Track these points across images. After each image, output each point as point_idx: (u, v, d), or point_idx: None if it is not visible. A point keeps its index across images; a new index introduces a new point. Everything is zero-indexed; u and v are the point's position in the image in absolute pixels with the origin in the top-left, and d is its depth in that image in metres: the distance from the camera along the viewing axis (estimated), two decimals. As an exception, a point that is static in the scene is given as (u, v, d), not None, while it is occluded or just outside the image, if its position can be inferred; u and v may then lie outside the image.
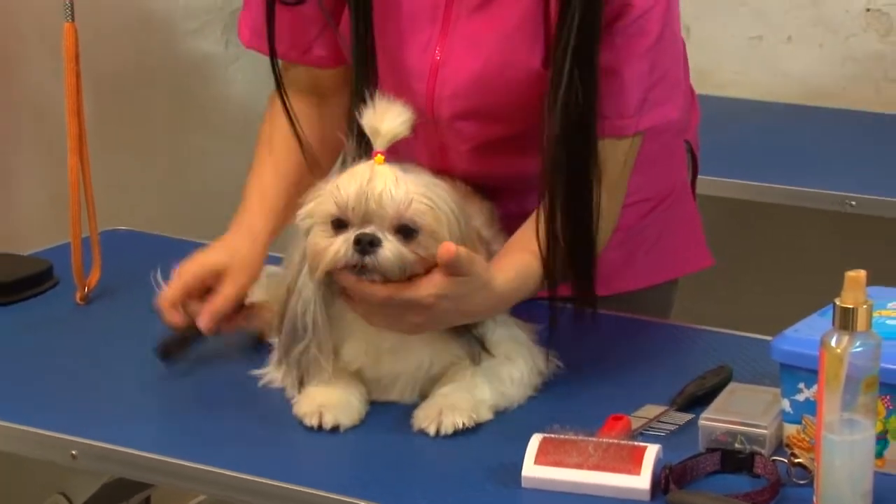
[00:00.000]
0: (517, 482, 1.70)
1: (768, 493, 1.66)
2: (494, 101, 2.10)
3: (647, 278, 2.30)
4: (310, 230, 1.81)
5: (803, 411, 1.74)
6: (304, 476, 1.75)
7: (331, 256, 1.76)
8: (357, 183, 1.76)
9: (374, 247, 1.75)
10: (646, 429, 1.83)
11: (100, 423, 1.88)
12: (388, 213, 1.75)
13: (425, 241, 1.77)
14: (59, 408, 1.94)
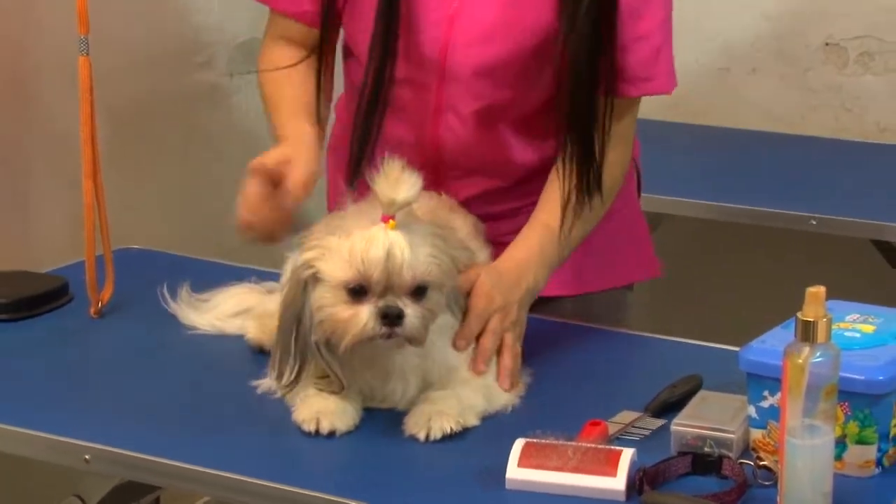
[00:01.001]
0: (501, 484, 1.69)
1: (735, 494, 1.65)
2: (507, 56, 2.09)
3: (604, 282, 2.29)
4: (312, 281, 1.78)
5: (768, 417, 1.73)
6: (302, 478, 1.74)
7: (359, 329, 1.74)
8: (377, 253, 1.73)
9: (401, 319, 1.74)
10: (622, 434, 1.82)
11: (111, 428, 1.87)
12: (407, 281, 1.75)
13: (433, 294, 1.78)
14: (74, 415, 1.93)
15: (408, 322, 1.74)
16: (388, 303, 1.74)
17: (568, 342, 2.14)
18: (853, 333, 1.78)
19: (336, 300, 1.76)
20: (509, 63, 2.10)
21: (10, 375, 2.07)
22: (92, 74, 2.21)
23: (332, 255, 1.76)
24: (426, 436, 1.80)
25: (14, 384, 2.04)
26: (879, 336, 1.78)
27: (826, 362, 1.61)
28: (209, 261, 2.48)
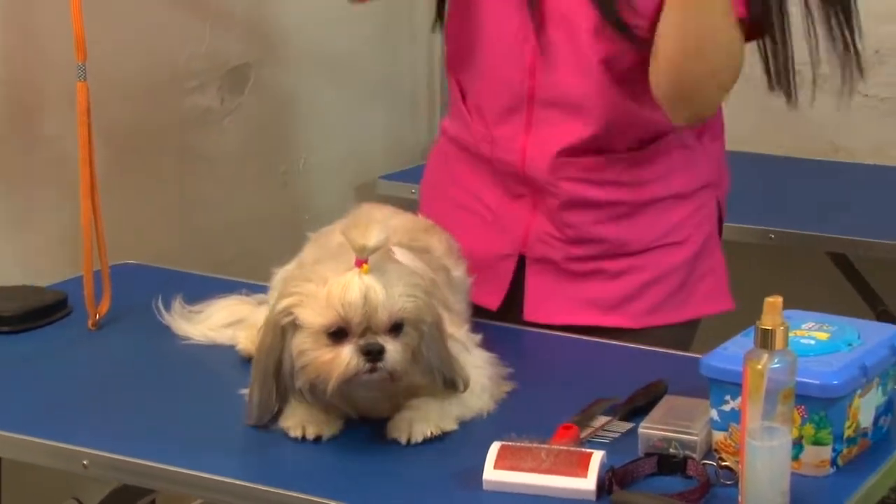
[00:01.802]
0: (479, 485, 1.68)
1: (699, 493, 1.65)
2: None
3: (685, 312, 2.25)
4: (291, 327, 1.77)
5: (729, 420, 1.73)
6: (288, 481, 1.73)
7: (343, 369, 1.73)
8: (354, 296, 1.72)
9: (382, 354, 1.73)
10: (592, 437, 1.82)
11: (108, 435, 1.87)
12: (384, 320, 1.73)
13: (409, 330, 1.77)
14: (73, 422, 1.92)
15: (389, 356, 1.74)
16: (369, 340, 1.73)
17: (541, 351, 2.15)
18: (809, 341, 1.78)
19: (317, 344, 1.74)
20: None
21: (12, 385, 2.07)
22: (89, 99, 2.21)
23: (311, 301, 1.75)
24: (407, 439, 1.80)
25: (15, 393, 2.04)
26: (833, 343, 1.78)
27: (783, 368, 1.61)
28: (202, 275, 2.47)
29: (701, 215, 2.25)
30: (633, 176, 2.18)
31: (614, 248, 2.20)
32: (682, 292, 2.23)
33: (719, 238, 2.31)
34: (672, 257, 2.22)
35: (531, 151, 2.16)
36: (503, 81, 2.17)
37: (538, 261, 2.21)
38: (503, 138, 2.17)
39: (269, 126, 3.15)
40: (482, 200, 2.25)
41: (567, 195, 2.17)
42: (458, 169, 2.30)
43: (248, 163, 3.10)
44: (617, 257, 2.20)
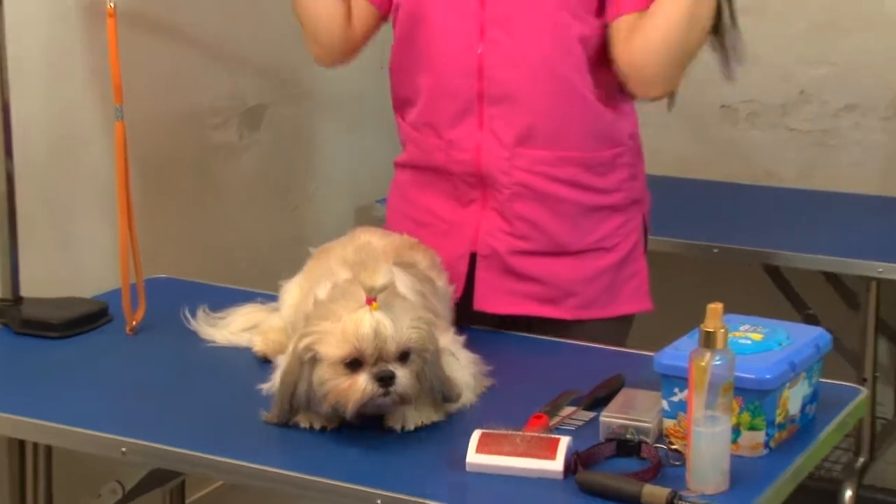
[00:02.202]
0: (463, 467, 1.69)
1: (652, 472, 1.66)
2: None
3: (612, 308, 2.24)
4: (313, 361, 1.76)
5: (678, 409, 1.74)
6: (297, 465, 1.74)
7: (360, 395, 1.72)
8: (367, 329, 1.72)
9: (393, 379, 1.73)
10: (559, 425, 1.82)
11: (143, 426, 1.87)
12: (393, 350, 1.73)
13: (415, 357, 1.76)
14: (112, 415, 1.92)
15: (399, 381, 1.73)
16: (381, 368, 1.73)
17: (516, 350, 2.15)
18: (745, 341, 1.79)
19: (336, 374, 1.74)
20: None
21: (60, 383, 2.06)
22: (125, 135, 2.21)
23: (328, 337, 1.74)
24: (402, 427, 1.80)
25: (63, 390, 2.03)
26: (766, 343, 1.79)
27: (724, 365, 1.62)
28: (223, 286, 2.47)
29: (629, 227, 2.26)
30: (584, 181, 2.17)
31: (555, 246, 2.18)
32: (610, 292, 2.23)
33: (644, 248, 2.31)
34: (603, 260, 2.22)
35: (485, 146, 2.14)
36: (453, 89, 2.14)
37: (486, 257, 2.19)
38: (458, 140, 2.15)
39: (281, 158, 3.15)
40: (435, 214, 2.23)
41: (518, 185, 2.15)
42: (410, 193, 2.29)
43: (263, 190, 3.10)
44: (557, 256, 2.19)
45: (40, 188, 2.53)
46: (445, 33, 2.13)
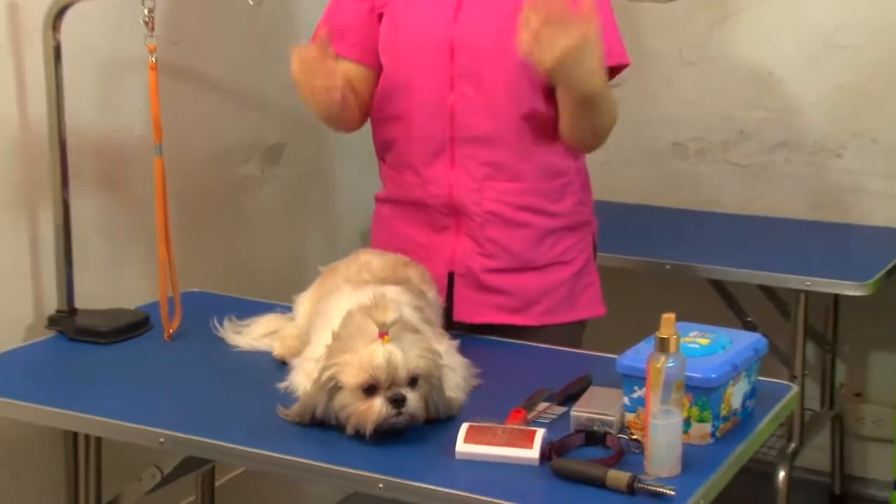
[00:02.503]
0: (452, 455, 1.69)
1: (615, 459, 1.66)
2: None
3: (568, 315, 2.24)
4: (335, 389, 1.75)
5: (637, 405, 1.74)
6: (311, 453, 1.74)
7: (375, 416, 1.71)
8: (381, 360, 1.71)
9: (404, 402, 1.72)
10: (536, 418, 1.82)
11: (178, 419, 1.87)
12: (403, 375, 1.72)
13: (423, 382, 1.75)
14: (152, 410, 1.92)
15: (410, 403, 1.73)
16: (394, 392, 1.72)
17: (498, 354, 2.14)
18: (694, 345, 1.79)
19: (355, 399, 1.73)
20: None
21: (108, 383, 2.07)
22: (164, 169, 2.22)
23: (347, 367, 1.74)
24: None
25: (110, 389, 2.03)
26: (712, 347, 1.80)
27: (676, 366, 1.63)
28: (247, 299, 2.47)
29: (582, 244, 2.26)
30: (544, 207, 2.17)
31: (521, 263, 2.18)
32: (569, 300, 2.23)
33: (595, 262, 2.31)
34: (562, 273, 2.22)
35: (457, 182, 2.14)
36: (428, 133, 2.14)
37: (462, 275, 2.19)
38: (434, 177, 2.14)
39: (297, 190, 3.15)
40: (414, 240, 2.22)
41: (488, 213, 2.14)
42: (390, 224, 2.29)
43: (281, 217, 3.09)
44: (523, 271, 2.19)
45: (91, 215, 2.53)
46: (421, 87, 2.13)
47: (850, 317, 3.17)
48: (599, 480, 1.60)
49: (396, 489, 1.66)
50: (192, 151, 2.77)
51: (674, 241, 3.01)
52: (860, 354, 3.27)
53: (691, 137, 3.37)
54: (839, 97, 3.14)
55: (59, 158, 2.30)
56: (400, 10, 2.14)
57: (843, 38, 3.10)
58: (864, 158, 3.14)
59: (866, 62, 3.08)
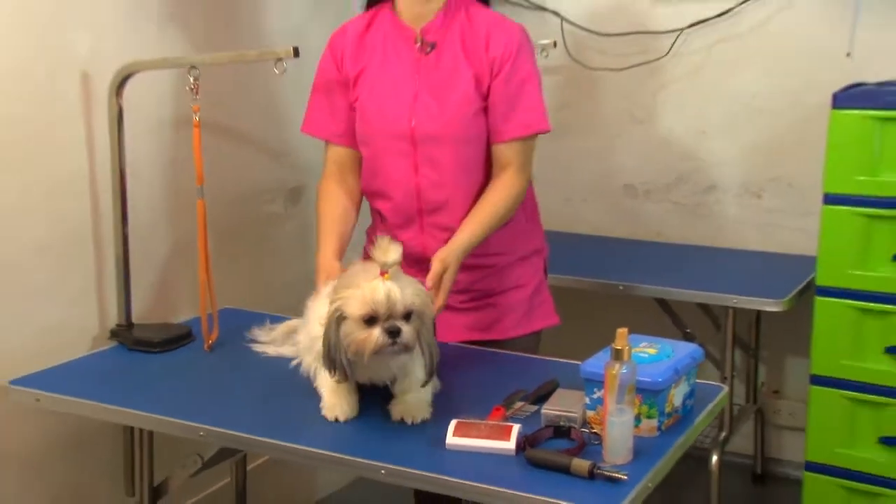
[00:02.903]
0: (443, 446, 1.68)
1: (578, 449, 1.66)
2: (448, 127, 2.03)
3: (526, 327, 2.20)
4: (340, 319, 1.71)
5: (597, 404, 1.73)
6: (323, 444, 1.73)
7: (373, 344, 1.68)
8: (381, 295, 1.68)
9: (399, 333, 1.69)
10: (512, 415, 1.81)
11: (215, 415, 1.86)
12: (400, 310, 1.70)
13: (415, 318, 1.73)
14: (194, 408, 1.90)
15: (404, 336, 1.69)
16: (391, 324, 1.69)
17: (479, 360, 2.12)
18: (643, 354, 1.78)
19: (357, 329, 1.70)
20: None
21: (157, 385, 2.05)
22: (205, 209, 2.21)
23: (351, 300, 1.70)
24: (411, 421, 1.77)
25: (159, 391, 2.02)
26: (659, 356, 1.79)
27: (628, 372, 1.62)
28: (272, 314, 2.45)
29: (534, 268, 2.22)
30: (495, 249, 2.13)
31: (486, 292, 2.16)
32: (528, 315, 2.20)
33: (546, 281, 2.28)
34: (520, 295, 2.19)
35: (426, 243, 2.10)
36: (403, 207, 2.10)
37: None
38: (408, 240, 2.08)
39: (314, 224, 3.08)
40: None
41: None
42: None
43: (301, 247, 3.08)
44: (487, 297, 2.16)
45: (145, 245, 2.51)
46: (393, 171, 2.09)
47: (769, 328, 3.17)
48: (565, 467, 1.59)
49: (396, 475, 1.64)
50: (227, 193, 2.76)
51: (626, 266, 3.00)
52: (777, 359, 3.27)
53: (640, 181, 3.37)
54: (758, 150, 3.15)
55: (120, 200, 2.30)
56: (366, 105, 2.08)
57: (760, 104, 3.12)
58: (780, 199, 3.15)
59: (778, 123, 3.10)
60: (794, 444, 3.20)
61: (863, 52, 2.94)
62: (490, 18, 2.06)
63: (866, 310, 2.54)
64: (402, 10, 2.07)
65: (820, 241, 2.59)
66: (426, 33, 2.04)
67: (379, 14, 2.11)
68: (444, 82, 2.03)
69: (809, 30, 3.01)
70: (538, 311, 2.23)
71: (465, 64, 2.02)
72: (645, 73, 3.24)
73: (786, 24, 3.04)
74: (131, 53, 2.36)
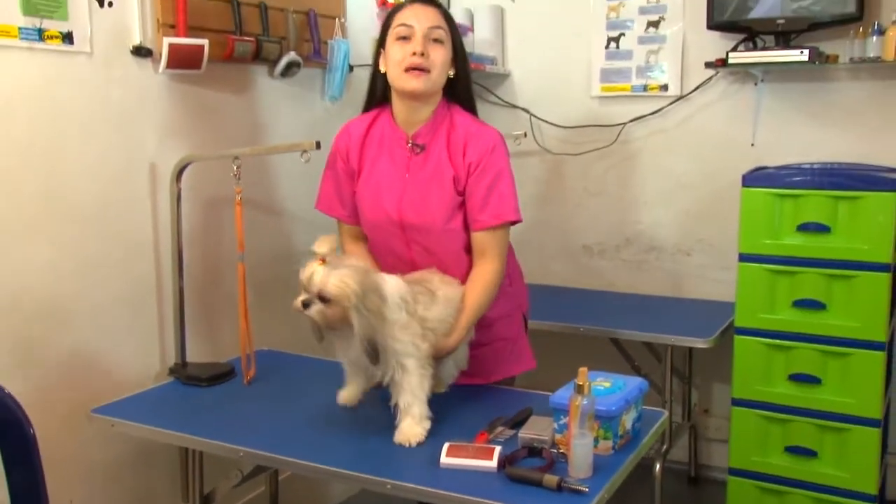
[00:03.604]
0: (437, 465, 1.65)
1: (548, 467, 1.62)
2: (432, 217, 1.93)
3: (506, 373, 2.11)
4: None
5: (563, 429, 1.70)
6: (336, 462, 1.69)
7: (294, 307, 1.69)
8: (306, 273, 1.68)
9: (309, 306, 1.68)
10: (494, 438, 1.77)
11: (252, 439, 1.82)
12: (314, 291, 1.67)
13: (334, 304, 1.67)
14: (235, 432, 1.86)
15: (311, 309, 1.67)
16: (306, 298, 1.68)
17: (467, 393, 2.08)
18: (600, 387, 1.75)
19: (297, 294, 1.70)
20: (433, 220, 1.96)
21: (206, 414, 2.01)
22: (245, 270, 2.18)
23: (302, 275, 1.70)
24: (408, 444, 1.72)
25: (207, 418, 1.98)
26: (612, 389, 1.77)
27: (588, 403, 1.59)
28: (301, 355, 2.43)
29: (515, 322, 2.13)
30: None
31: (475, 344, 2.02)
32: (508, 361, 2.10)
33: (525, 332, 2.17)
34: (503, 347, 2.09)
35: None
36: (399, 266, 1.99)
37: None
38: None
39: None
40: None
41: None
42: None
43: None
44: (476, 348, 2.03)
45: (197, 298, 2.48)
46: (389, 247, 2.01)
47: (699, 360, 3.14)
48: (538, 481, 1.56)
49: (399, 489, 1.61)
50: (263, 255, 2.74)
51: (585, 312, 2.97)
52: (706, 384, 3.23)
53: (595, 242, 3.36)
54: (687, 217, 3.16)
55: (178, 262, 2.27)
56: (363, 195, 1.99)
57: (686, 181, 3.14)
58: (705, 256, 3.14)
59: (700, 196, 3.12)
60: (721, 453, 3.17)
61: (763, 142, 2.98)
62: (469, 127, 1.93)
63: (773, 345, 2.59)
64: (397, 114, 1.96)
65: (737, 290, 2.61)
66: (416, 137, 1.94)
67: (379, 117, 1.99)
68: (429, 181, 1.93)
69: (722, 125, 3.04)
70: (518, 359, 2.14)
71: (447, 165, 1.92)
72: (597, 156, 3.25)
73: (704, 120, 3.07)
74: (188, 147, 2.36)
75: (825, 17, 2.71)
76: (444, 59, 1.88)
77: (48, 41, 2.03)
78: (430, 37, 1.86)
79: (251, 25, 2.53)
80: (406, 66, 1.85)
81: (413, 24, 1.86)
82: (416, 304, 1.78)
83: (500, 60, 3.36)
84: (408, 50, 1.85)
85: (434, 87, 1.89)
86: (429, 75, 1.86)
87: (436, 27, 1.87)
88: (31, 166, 2.05)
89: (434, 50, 1.86)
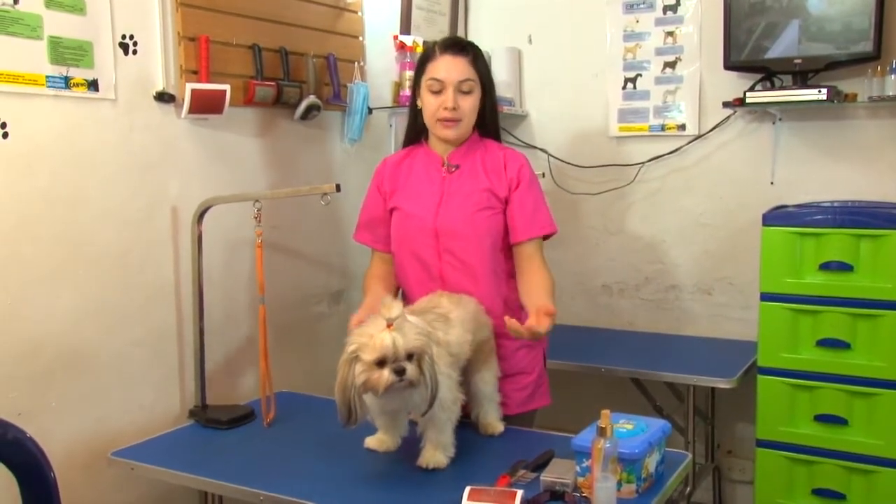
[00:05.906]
0: (460, 509, 1.63)
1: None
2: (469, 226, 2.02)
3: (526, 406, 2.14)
4: (354, 360, 1.68)
5: (586, 472, 1.69)
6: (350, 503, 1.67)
7: (385, 382, 1.66)
8: (388, 342, 1.66)
9: (404, 372, 1.67)
10: (516, 481, 1.76)
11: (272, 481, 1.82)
12: (402, 353, 1.67)
13: (418, 358, 1.69)
14: (255, 475, 1.86)
15: (408, 373, 1.67)
16: (397, 365, 1.67)
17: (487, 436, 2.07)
18: (623, 430, 1.75)
19: (369, 369, 1.67)
20: None
21: (225, 457, 2.01)
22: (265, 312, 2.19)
23: (366, 347, 1.68)
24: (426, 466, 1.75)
25: (227, 461, 1.98)
26: (635, 431, 1.76)
27: (611, 446, 1.58)
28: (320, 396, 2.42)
29: (537, 356, 2.17)
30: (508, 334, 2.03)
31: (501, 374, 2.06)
32: (532, 396, 2.14)
33: (545, 368, 2.21)
34: (526, 380, 2.14)
35: None
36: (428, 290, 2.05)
37: None
38: None
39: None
40: None
41: None
42: None
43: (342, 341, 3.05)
44: (502, 379, 2.06)
45: (218, 341, 2.50)
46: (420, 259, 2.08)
47: (722, 400, 3.11)
48: (561, 526, 1.54)
49: (423, 532, 1.59)
50: (283, 298, 2.75)
51: (606, 352, 2.96)
52: (729, 425, 3.20)
53: (614, 281, 3.36)
54: (707, 256, 3.15)
55: (198, 305, 2.29)
56: (404, 205, 2.09)
57: (706, 220, 3.14)
58: (726, 295, 3.13)
59: (720, 235, 3.12)
60: (745, 495, 3.12)
61: (783, 180, 2.98)
62: (504, 149, 2.11)
63: (797, 385, 2.57)
64: (433, 144, 2.11)
65: (759, 330, 2.60)
66: (451, 158, 2.08)
67: (415, 150, 2.14)
68: (464, 190, 2.06)
69: (740, 164, 3.05)
70: (538, 394, 2.18)
71: (483, 178, 2.04)
72: (615, 196, 3.26)
73: (723, 159, 3.08)
74: (209, 191, 2.39)
75: (842, 57, 2.73)
76: (473, 106, 2.05)
77: (74, 89, 2.08)
78: (460, 89, 2.02)
79: (272, 70, 2.59)
80: (438, 118, 2.03)
81: (444, 78, 2.00)
82: (436, 332, 1.81)
83: (518, 101, 3.39)
84: (440, 102, 2.02)
85: (466, 132, 2.08)
86: (459, 124, 2.04)
87: (465, 80, 2.01)
88: (54, 212, 2.09)
89: (464, 101, 2.03)
